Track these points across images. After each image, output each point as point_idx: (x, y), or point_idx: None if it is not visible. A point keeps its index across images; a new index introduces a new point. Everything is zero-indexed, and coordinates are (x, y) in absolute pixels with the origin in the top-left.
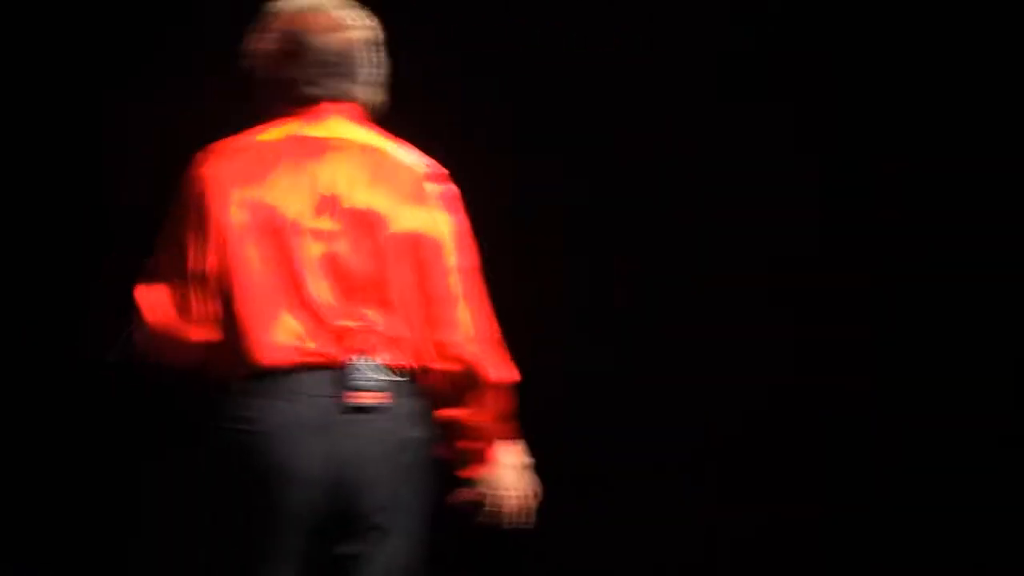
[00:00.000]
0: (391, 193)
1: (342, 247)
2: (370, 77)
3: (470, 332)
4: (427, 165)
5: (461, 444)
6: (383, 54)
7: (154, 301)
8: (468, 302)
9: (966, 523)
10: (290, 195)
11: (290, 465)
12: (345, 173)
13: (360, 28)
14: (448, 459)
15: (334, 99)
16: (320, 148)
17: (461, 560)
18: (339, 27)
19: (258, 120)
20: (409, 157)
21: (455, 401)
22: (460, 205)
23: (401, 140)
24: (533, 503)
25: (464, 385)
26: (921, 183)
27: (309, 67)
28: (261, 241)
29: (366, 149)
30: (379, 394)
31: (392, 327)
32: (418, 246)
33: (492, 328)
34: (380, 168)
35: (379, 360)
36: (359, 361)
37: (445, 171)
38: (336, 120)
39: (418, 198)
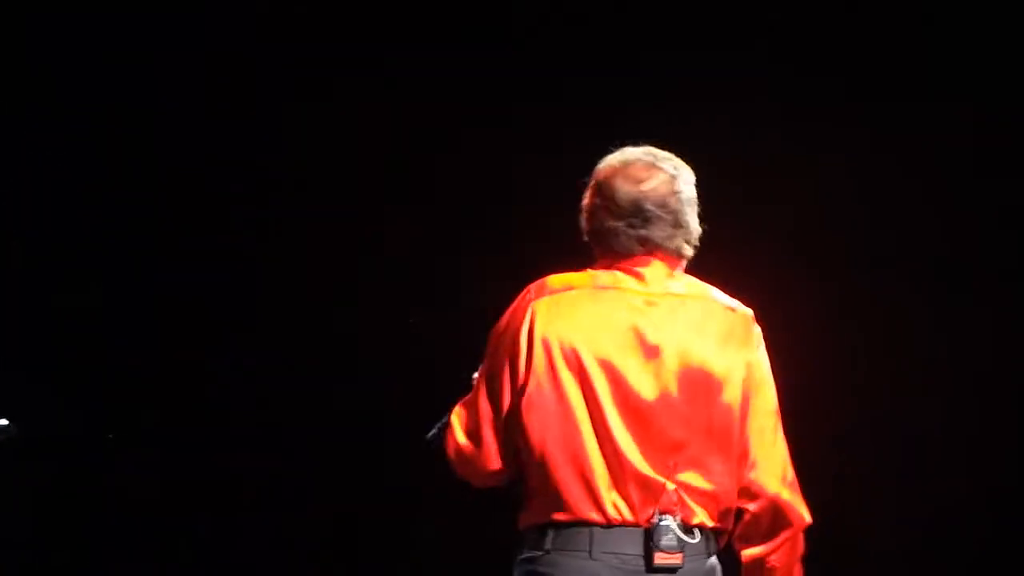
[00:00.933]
0: (712, 341)
1: (661, 403)
2: (680, 225)
3: (785, 474)
4: (745, 308)
5: None
6: (697, 205)
7: (467, 422)
8: (776, 442)
9: None
10: (612, 346)
11: None
12: (665, 326)
13: (666, 175)
14: None
15: (660, 251)
16: (640, 301)
17: None
18: (647, 178)
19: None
20: (728, 300)
21: (762, 541)
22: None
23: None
24: None
25: (773, 527)
26: None
27: (628, 217)
28: (585, 390)
29: (684, 302)
30: (681, 555)
31: (698, 484)
32: (736, 390)
33: (793, 470)
34: (702, 318)
35: (684, 520)
36: (666, 521)
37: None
38: (653, 270)
39: (740, 342)
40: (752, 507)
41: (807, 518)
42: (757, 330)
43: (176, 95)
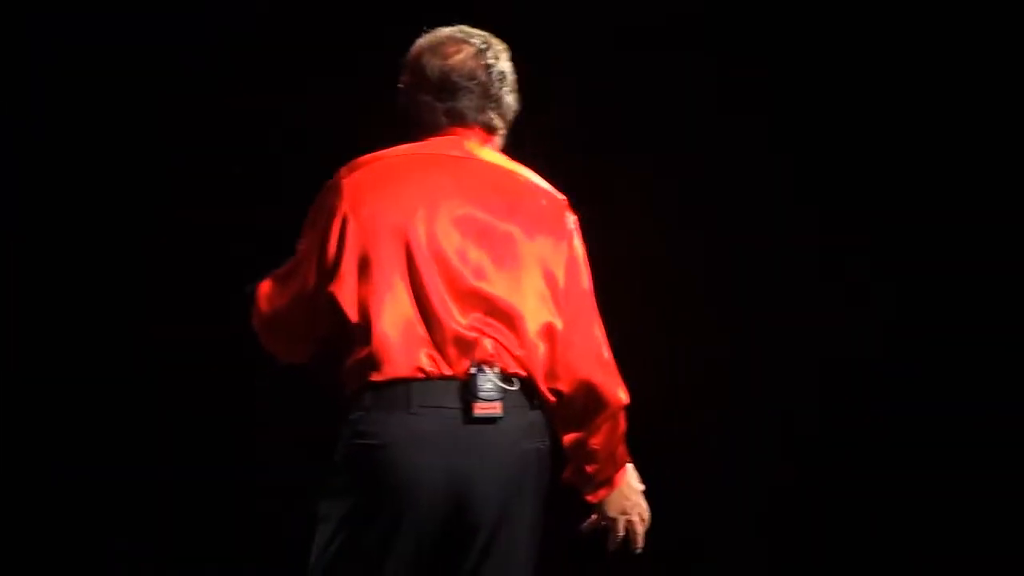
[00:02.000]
0: (528, 216)
1: (472, 261)
2: (492, 98)
3: (599, 355)
4: (559, 193)
5: (590, 468)
6: (513, 79)
7: (276, 298)
8: (594, 326)
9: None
10: (427, 210)
11: (415, 478)
12: (482, 193)
13: (476, 49)
14: (573, 484)
15: (468, 123)
16: (453, 166)
17: None
18: (455, 52)
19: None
20: (542, 183)
21: (580, 424)
22: (580, 232)
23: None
24: (646, 527)
25: (592, 408)
26: None
27: (437, 91)
28: (393, 253)
29: (503, 172)
30: (500, 404)
31: (514, 342)
32: (548, 268)
33: (609, 351)
34: (518, 192)
35: (502, 369)
36: (482, 372)
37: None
38: (471, 143)
39: (552, 224)
40: (566, 388)
41: (624, 398)
42: (571, 216)
43: None
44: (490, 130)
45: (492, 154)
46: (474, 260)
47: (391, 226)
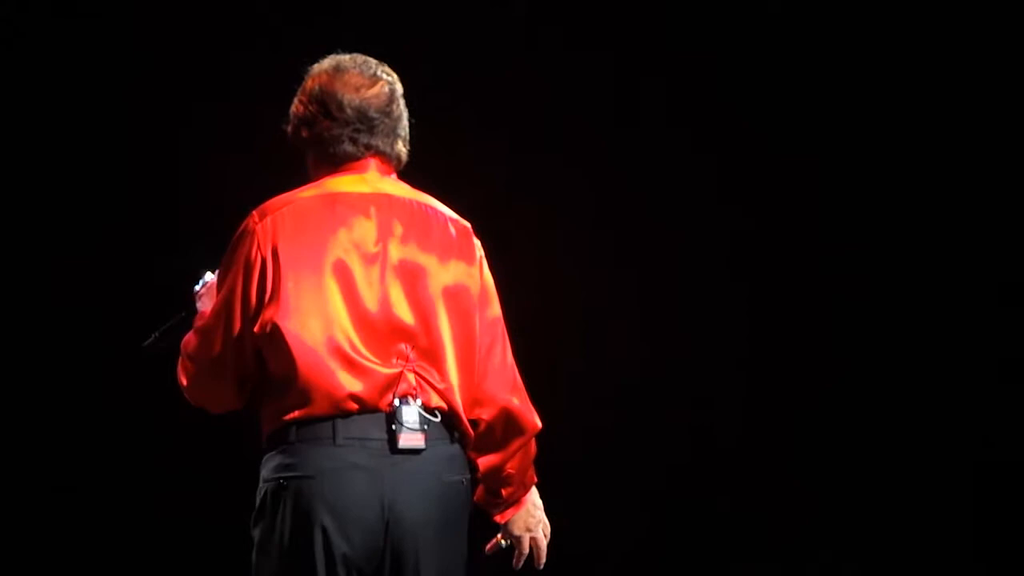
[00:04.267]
0: (437, 246)
1: (390, 297)
2: (399, 132)
3: (515, 382)
4: (465, 221)
5: (504, 491)
6: (405, 109)
7: (205, 349)
8: (508, 352)
9: None
10: (344, 250)
11: (345, 506)
12: (390, 227)
13: (387, 85)
14: (483, 506)
15: (381, 155)
16: (365, 203)
17: None
18: (368, 85)
19: (304, 179)
20: (449, 212)
21: (497, 449)
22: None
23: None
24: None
25: (510, 434)
26: None
27: (343, 126)
28: (312, 291)
29: (408, 204)
30: (424, 436)
31: (433, 374)
32: (463, 298)
33: (520, 378)
34: (427, 223)
35: (424, 403)
36: (405, 404)
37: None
38: (373, 175)
39: (463, 252)
40: (485, 415)
41: (538, 423)
42: (478, 243)
43: None
44: (399, 162)
45: (399, 186)
46: (393, 296)
47: (310, 267)
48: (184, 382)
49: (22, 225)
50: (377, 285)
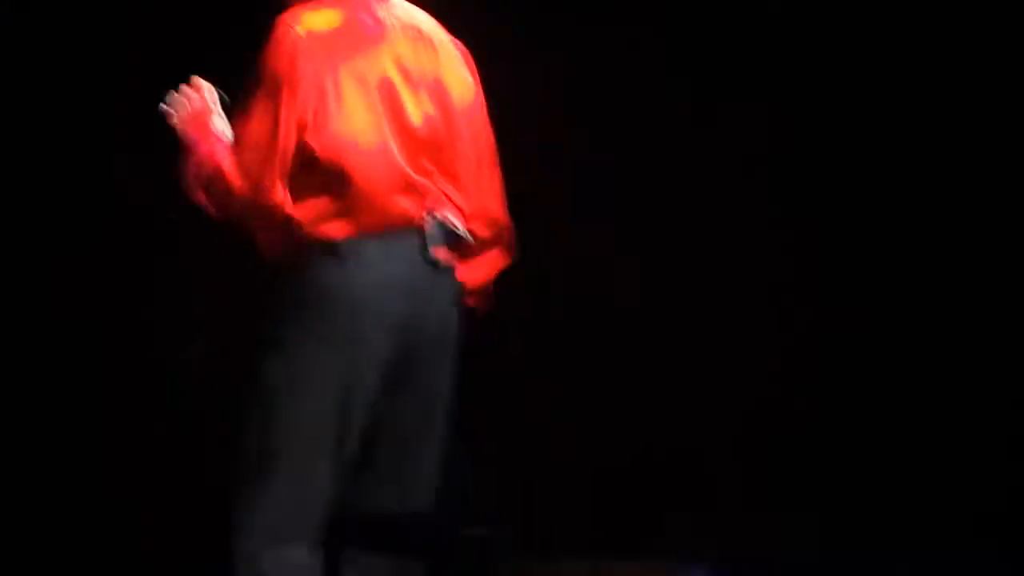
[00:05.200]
0: (450, 68)
1: (426, 114)
2: None
3: (502, 201)
4: (461, 44)
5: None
6: None
7: (244, 165)
8: (497, 168)
9: None
10: (382, 66)
11: (392, 317)
12: (414, 50)
13: None
14: None
15: None
16: (391, 22)
17: None
18: None
19: None
20: (448, 36)
21: (485, 268)
22: None
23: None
24: None
25: (493, 249)
26: None
27: None
28: (366, 108)
29: (422, 28)
30: (447, 250)
31: (451, 190)
32: (476, 118)
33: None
34: (436, 47)
35: (444, 219)
36: (434, 219)
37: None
38: None
39: (469, 71)
40: (480, 231)
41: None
42: (472, 66)
43: None
44: None
45: (406, 6)
46: (429, 113)
47: (361, 83)
48: (230, 192)
49: None
50: (413, 103)
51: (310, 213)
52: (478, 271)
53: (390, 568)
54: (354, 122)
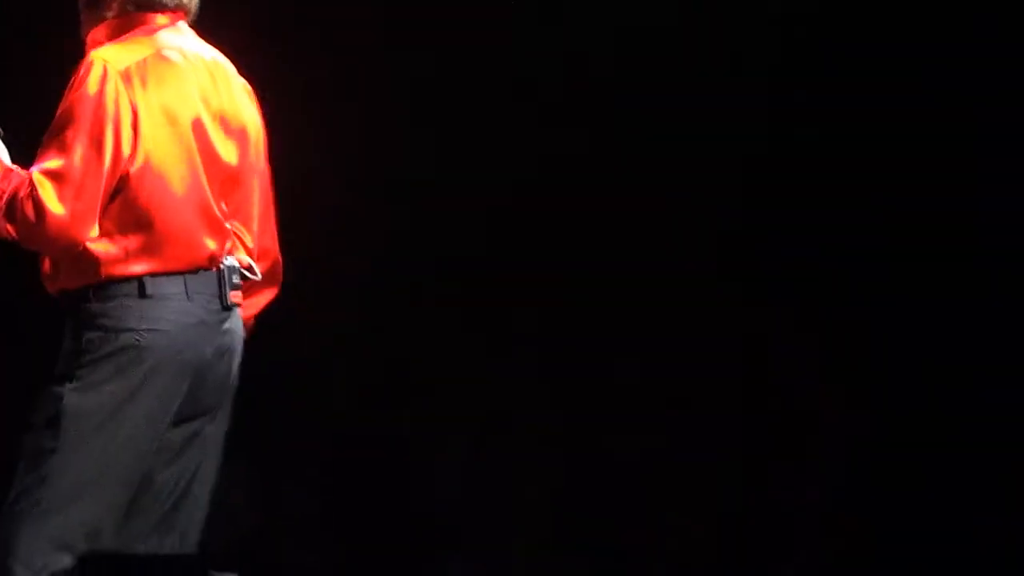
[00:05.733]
0: (239, 103)
1: (224, 158)
2: None
3: (276, 235)
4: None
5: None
6: None
7: (64, 198)
8: (273, 207)
9: None
10: (193, 104)
11: (199, 362)
12: (214, 85)
13: None
14: None
15: (183, 8)
16: (199, 60)
17: None
18: None
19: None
20: (234, 69)
21: (261, 301)
22: None
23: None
24: None
25: (271, 283)
26: None
27: None
28: (178, 146)
29: (218, 62)
30: (240, 292)
31: (243, 231)
32: (260, 156)
33: None
34: (230, 80)
35: (237, 261)
36: (231, 262)
37: None
38: (185, 27)
39: (254, 107)
40: (261, 266)
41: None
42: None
43: None
44: (194, 13)
45: (201, 41)
46: (224, 155)
47: (173, 121)
48: (40, 219)
49: None
50: (220, 140)
51: (116, 249)
52: (253, 306)
53: None
54: (167, 159)
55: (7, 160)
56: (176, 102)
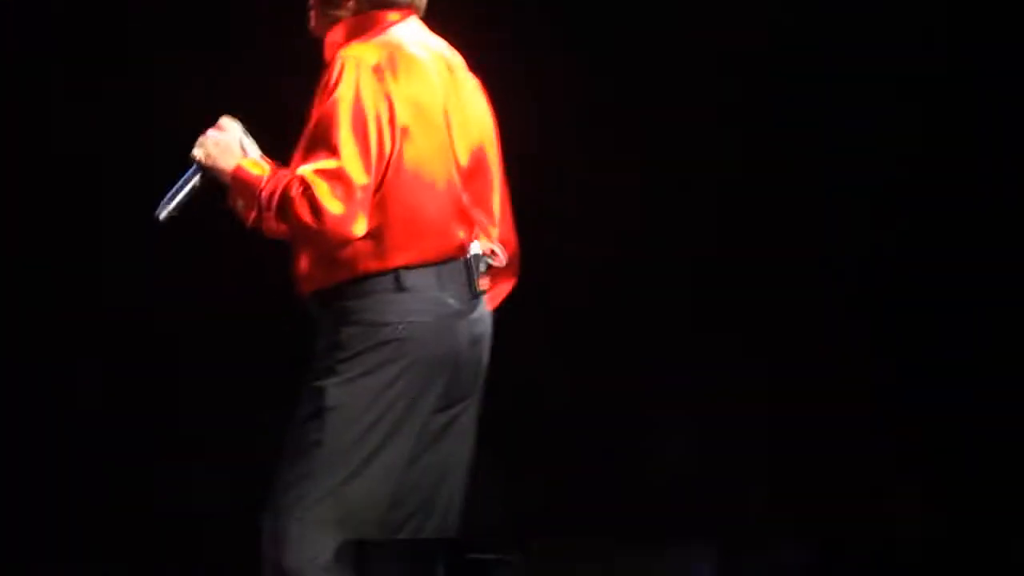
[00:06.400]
0: (474, 97)
1: (465, 144)
2: None
3: (513, 223)
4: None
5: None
6: None
7: (337, 195)
8: (509, 196)
9: None
10: (431, 98)
11: (457, 353)
12: (451, 80)
13: None
14: None
15: (410, 6)
16: (439, 55)
17: None
18: None
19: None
20: (464, 63)
21: (501, 293)
22: None
23: None
24: None
25: (509, 275)
26: None
27: None
28: (434, 138)
29: (451, 57)
30: (487, 278)
31: (483, 219)
32: (495, 145)
33: None
34: (465, 73)
35: (482, 248)
36: (477, 249)
37: None
38: (415, 24)
39: (486, 102)
40: (507, 259)
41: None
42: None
43: None
44: (423, 11)
45: (433, 36)
46: (466, 145)
47: (427, 114)
48: (318, 222)
49: None
50: (460, 132)
51: (372, 243)
52: (495, 297)
53: None
54: (422, 151)
55: (258, 157)
56: (424, 94)
